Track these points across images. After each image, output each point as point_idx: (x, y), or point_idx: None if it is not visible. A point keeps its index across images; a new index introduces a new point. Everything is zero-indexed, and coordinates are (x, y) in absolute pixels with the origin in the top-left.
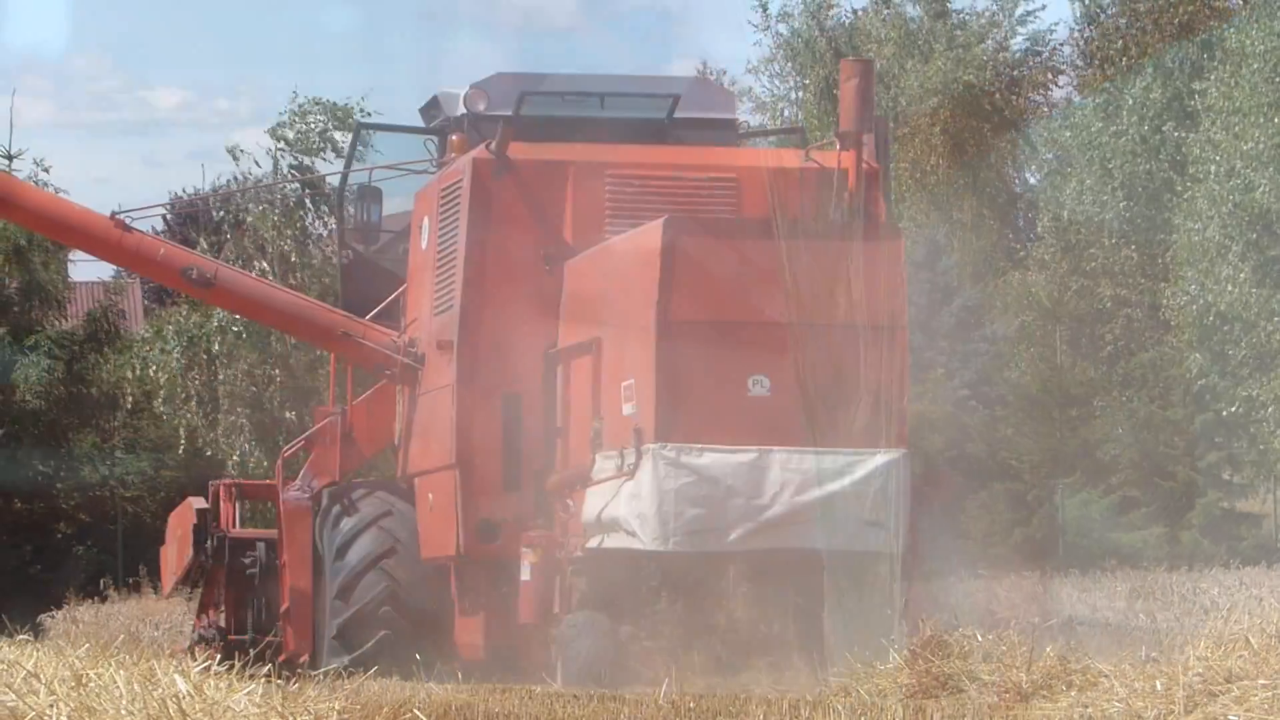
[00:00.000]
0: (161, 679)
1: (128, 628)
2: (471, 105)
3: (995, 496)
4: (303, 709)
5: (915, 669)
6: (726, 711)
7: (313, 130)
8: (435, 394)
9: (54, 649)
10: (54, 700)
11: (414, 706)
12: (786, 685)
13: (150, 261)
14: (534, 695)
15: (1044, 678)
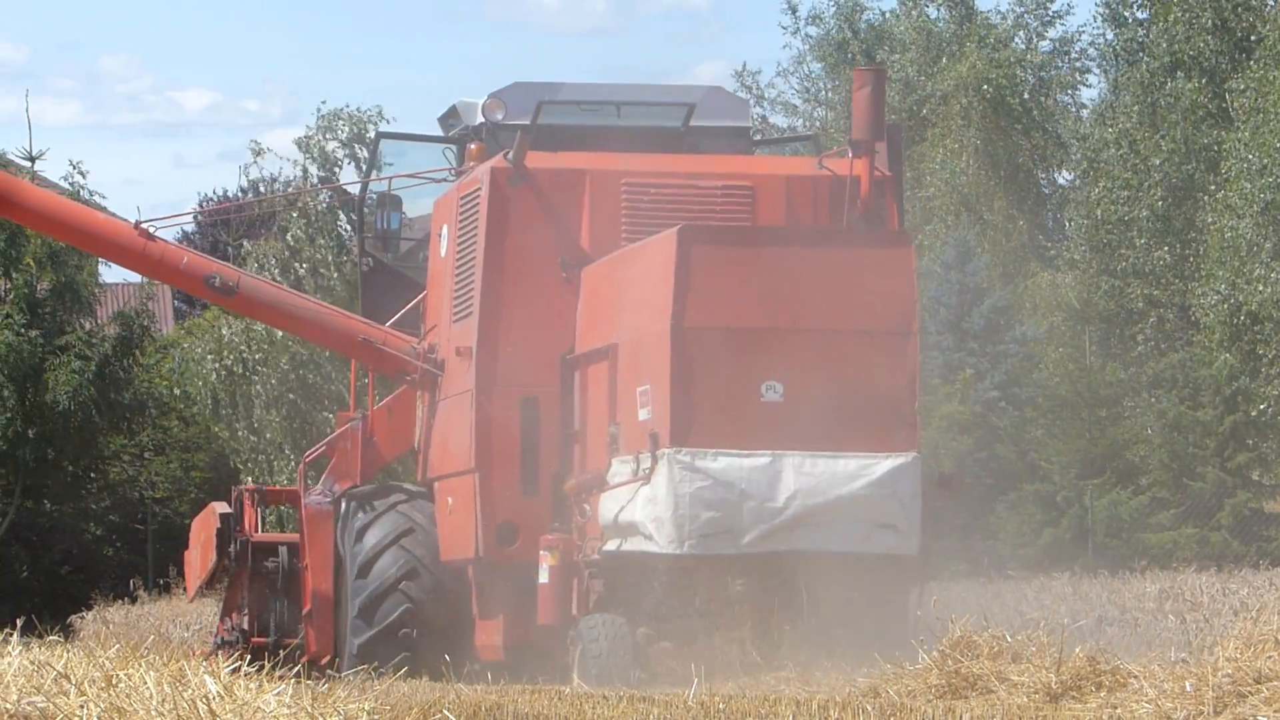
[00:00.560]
0: (192, 680)
1: (158, 629)
2: (489, 114)
3: (1024, 498)
4: (332, 709)
5: (944, 670)
6: (756, 712)
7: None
8: (455, 399)
9: (84, 650)
10: (84, 701)
11: (444, 707)
12: (815, 686)
13: (174, 270)
14: (563, 696)
15: (1073, 678)
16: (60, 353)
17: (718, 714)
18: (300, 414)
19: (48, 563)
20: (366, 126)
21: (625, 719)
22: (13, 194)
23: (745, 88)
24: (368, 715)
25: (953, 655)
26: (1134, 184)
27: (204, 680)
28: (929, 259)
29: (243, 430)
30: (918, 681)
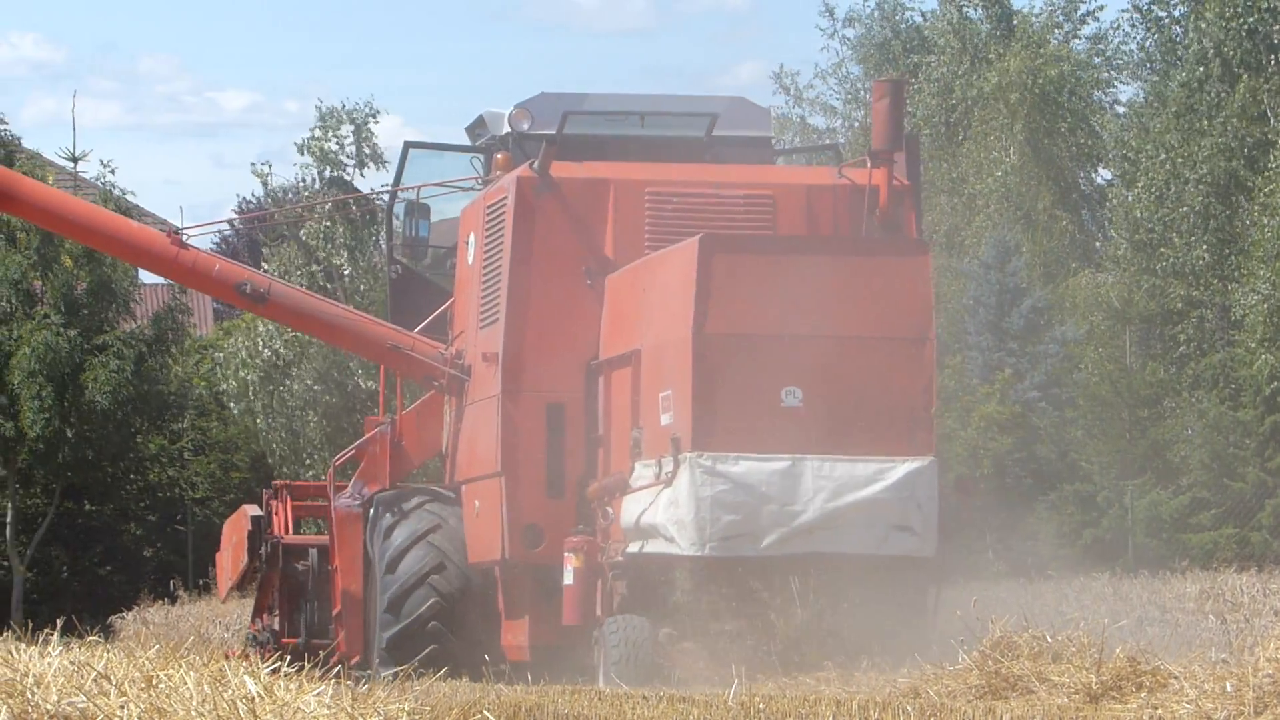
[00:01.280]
0: (231, 680)
1: (198, 629)
2: (516, 124)
3: (1065, 498)
4: (372, 710)
5: (985, 670)
6: (795, 712)
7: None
8: (481, 404)
9: (124, 650)
10: (124, 701)
11: (484, 708)
12: (855, 686)
13: (206, 277)
14: (603, 696)
15: (1114, 679)
16: (98, 352)
17: (758, 714)
18: (335, 413)
19: (88, 563)
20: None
21: (665, 719)
22: (42, 200)
23: (784, 89)
24: (408, 715)
25: (993, 656)
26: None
27: (244, 681)
28: (970, 259)
29: (280, 429)
30: (958, 682)
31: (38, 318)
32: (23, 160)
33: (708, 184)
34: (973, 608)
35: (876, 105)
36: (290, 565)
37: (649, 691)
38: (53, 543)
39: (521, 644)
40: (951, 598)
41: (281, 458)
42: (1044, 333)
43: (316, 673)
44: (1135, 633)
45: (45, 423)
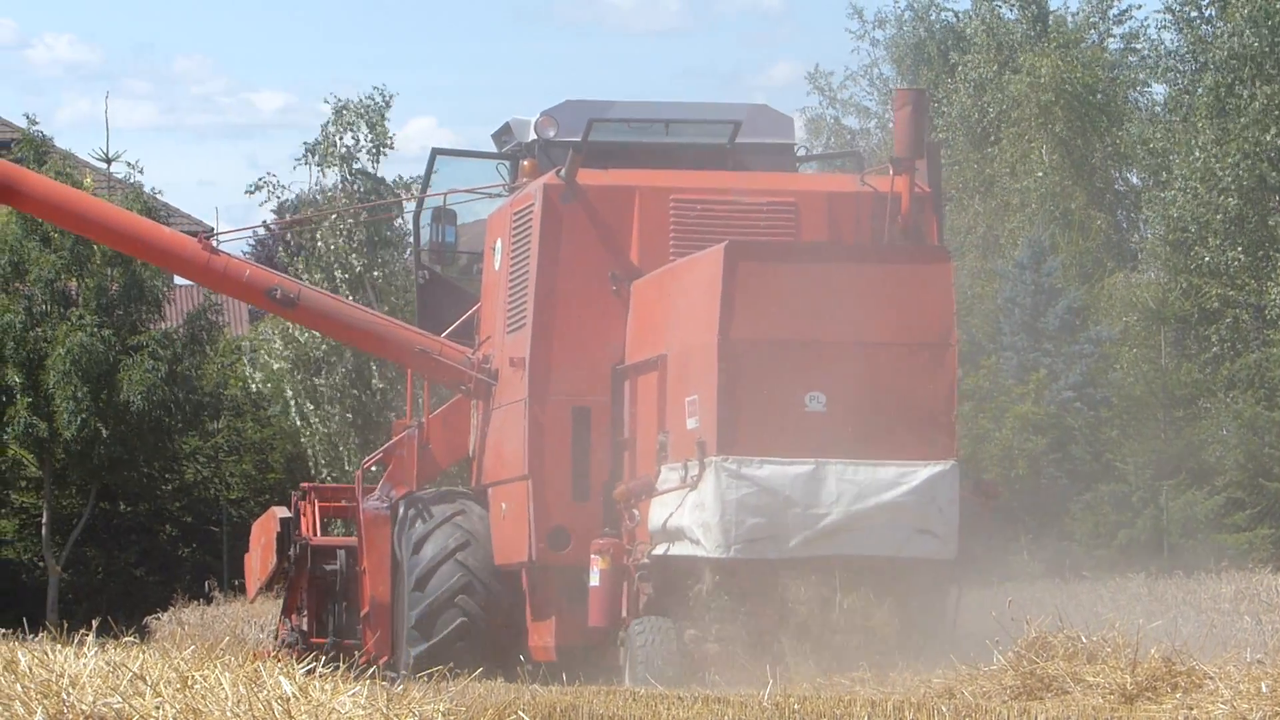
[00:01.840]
0: (267, 680)
1: (233, 629)
2: (542, 132)
3: (1100, 498)
4: (408, 710)
5: (1019, 670)
6: (830, 713)
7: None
8: (508, 408)
9: (160, 651)
10: (160, 702)
11: (519, 708)
12: (890, 686)
13: (237, 282)
14: (638, 697)
15: (1149, 679)
16: (133, 353)
17: (792, 714)
18: (363, 410)
19: (123, 564)
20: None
21: (700, 719)
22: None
23: (817, 89)
24: (443, 716)
25: (1028, 656)
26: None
27: (279, 681)
28: (1004, 260)
29: (315, 420)
30: (993, 682)
31: (73, 318)
32: (55, 160)
33: (731, 191)
34: (1008, 608)
35: (898, 114)
36: (319, 567)
37: (684, 692)
38: (88, 543)
39: (548, 645)
40: (986, 598)
41: (325, 460)
42: (1079, 333)
43: (351, 673)
44: (1170, 633)
45: (81, 423)
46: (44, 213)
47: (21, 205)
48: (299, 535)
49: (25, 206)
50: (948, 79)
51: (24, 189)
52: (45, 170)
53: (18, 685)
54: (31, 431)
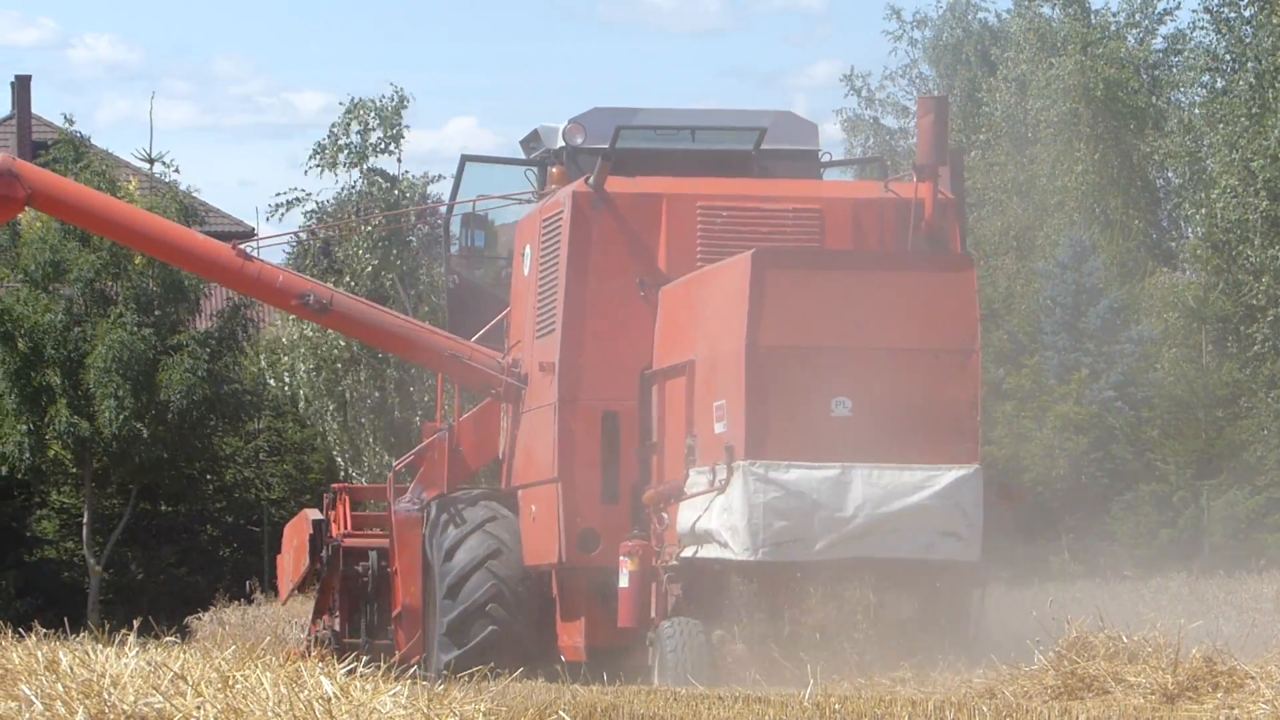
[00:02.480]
0: (308, 680)
1: (274, 629)
2: (570, 139)
3: (1140, 498)
4: (448, 710)
5: (1060, 670)
6: (871, 713)
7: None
8: (538, 412)
9: (201, 651)
10: (201, 702)
11: (560, 708)
12: (931, 686)
13: (270, 288)
14: (679, 697)
15: (1190, 679)
16: (172, 352)
17: (833, 714)
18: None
19: (164, 563)
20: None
21: (741, 719)
22: (112, 214)
23: (855, 91)
24: (484, 716)
25: (1069, 656)
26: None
27: (320, 681)
28: (1045, 260)
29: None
30: (1034, 682)
31: (112, 317)
32: (95, 160)
33: (757, 198)
34: (1049, 608)
35: (921, 121)
36: (350, 567)
37: (724, 691)
38: (129, 543)
39: (578, 645)
40: (1027, 598)
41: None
42: (1120, 332)
43: (392, 673)
44: (1211, 633)
45: (121, 422)
46: (79, 219)
47: (56, 212)
48: (331, 537)
49: (59, 213)
50: (989, 79)
51: (59, 196)
52: (85, 170)
53: (59, 685)
54: (72, 430)
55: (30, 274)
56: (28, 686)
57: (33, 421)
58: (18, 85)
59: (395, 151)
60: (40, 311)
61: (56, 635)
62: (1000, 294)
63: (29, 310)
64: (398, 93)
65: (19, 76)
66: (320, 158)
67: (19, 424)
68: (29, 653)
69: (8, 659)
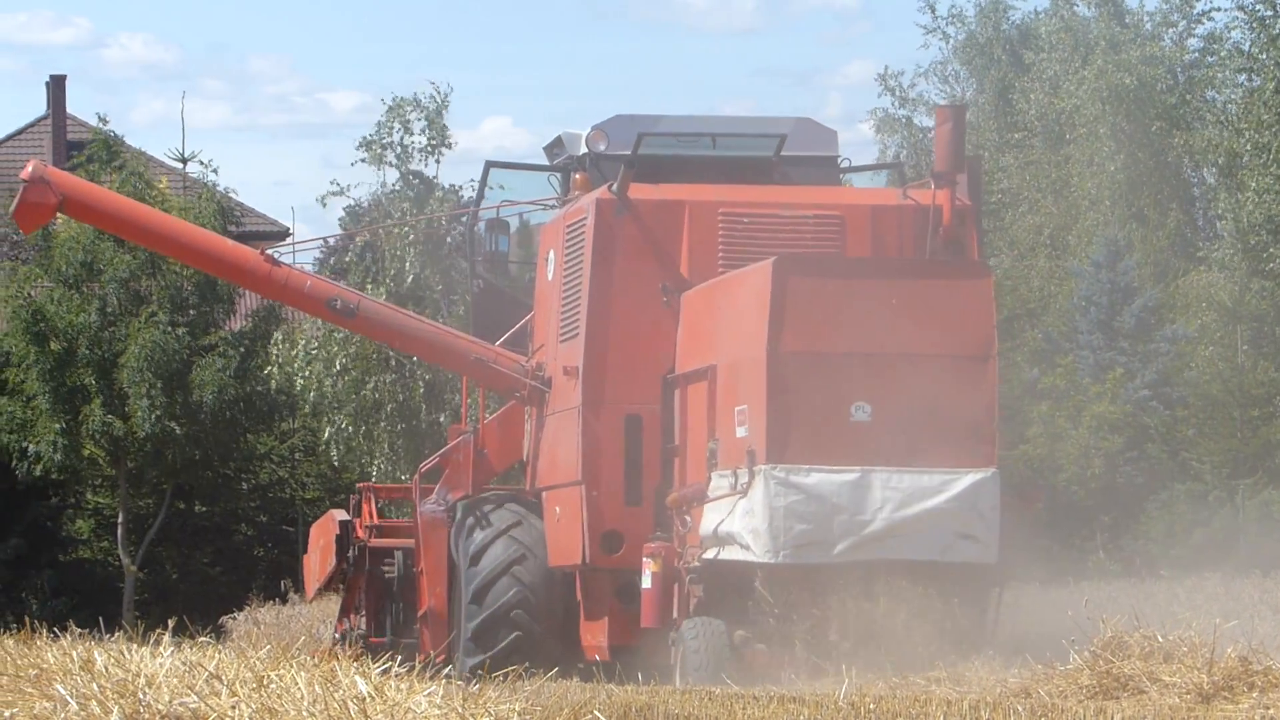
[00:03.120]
0: (343, 680)
1: (309, 629)
2: (593, 145)
3: (1176, 497)
4: (483, 710)
5: (1095, 670)
6: (906, 713)
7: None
8: (562, 415)
9: (235, 650)
10: (236, 702)
11: (594, 708)
12: (966, 686)
13: (298, 293)
14: (714, 696)
15: (1225, 679)
16: (205, 352)
17: (868, 714)
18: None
19: (198, 563)
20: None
21: (776, 719)
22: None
23: (888, 90)
24: (519, 716)
25: (1104, 656)
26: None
27: (355, 681)
28: (1079, 259)
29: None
30: (1069, 682)
31: (145, 316)
32: (130, 160)
33: (778, 204)
34: (1084, 607)
35: (939, 130)
36: (377, 567)
37: (759, 691)
38: (163, 543)
39: (601, 644)
40: (1062, 597)
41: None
42: (1155, 332)
43: (426, 673)
44: (1247, 632)
45: (155, 422)
46: (109, 225)
47: (86, 218)
48: (357, 537)
49: (90, 219)
50: (1021, 79)
51: (90, 202)
52: (121, 170)
53: (94, 685)
54: (106, 430)
55: (63, 274)
56: (63, 686)
57: (66, 421)
58: (53, 85)
59: (439, 155)
60: (74, 311)
61: (91, 635)
62: (1035, 293)
63: (63, 310)
64: (439, 91)
65: (54, 76)
66: (369, 152)
67: (52, 424)
68: (64, 652)
69: (43, 659)
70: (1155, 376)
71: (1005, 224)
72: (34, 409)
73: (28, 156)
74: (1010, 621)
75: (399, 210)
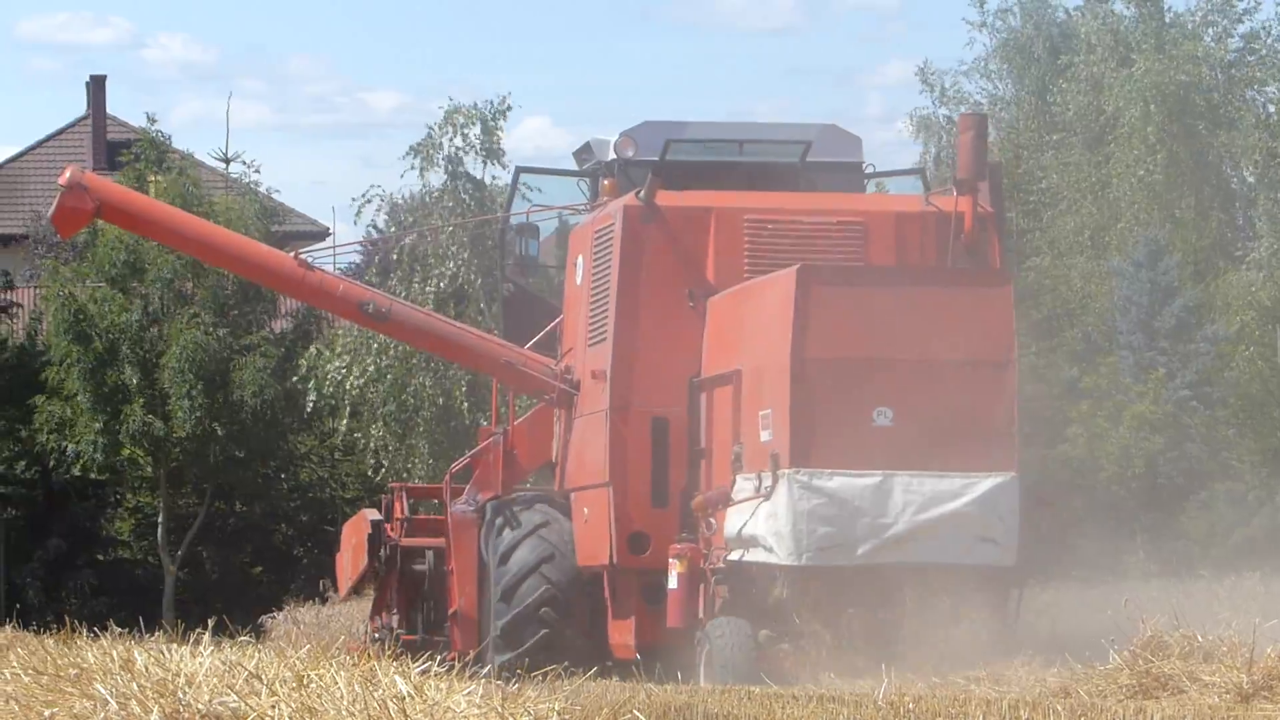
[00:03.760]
0: (382, 680)
1: (348, 629)
2: (621, 151)
3: (1215, 497)
4: (523, 709)
5: (1135, 670)
6: (946, 712)
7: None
8: (590, 417)
9: (275, 650)
10: (275, 701)
11: (634, 707)
12: (1006, 685)
13: (331, 297)
14: (753, 696)
15: (1265, 679)
16: (246, 352)
17: (907, 713)
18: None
19: (238, 563)
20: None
21: (815, 719)
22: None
23: (928, 86)
24: (558, 715)
25: (1143, 655)
26: None
27: (394, 680)
28: (1119, 259)
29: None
30: (1108, 681)
31: (187, 317)
32: (174, 161)
33: (803, 211)
34: (1123, 607)
35: (961, 138)
36: (408, 567)
37: (798, 690)
38: (203, 542)
39: (628, 643)
40: (1101, 597)
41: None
42: (1195, 331)
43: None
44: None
45: (196, 422)
46: (145, 230)
47: (123, 223)
48: (389, 536)
49: (127, 224)
50: (1059, 79)
51: (126, 208)
52: (169, 171)
53: (134, 684)
54: (147, 430)
55: (106, 273)
56: (103, 685)
57: (106, 421)
58: (93, 85)
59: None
60: (116, 311)
61: (131, 635)
62: (1075, 293)
63: (105, 310)
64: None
65: (94, 77)
66: (420, 159)
67: (93, 423)
68: (104, 652)
69: (83, 658)
70: (1195, 376)
71: (1044, 224)
72: (75, 408)
73: (69, 157)
74: (1049, 621)
75: (441, 211)
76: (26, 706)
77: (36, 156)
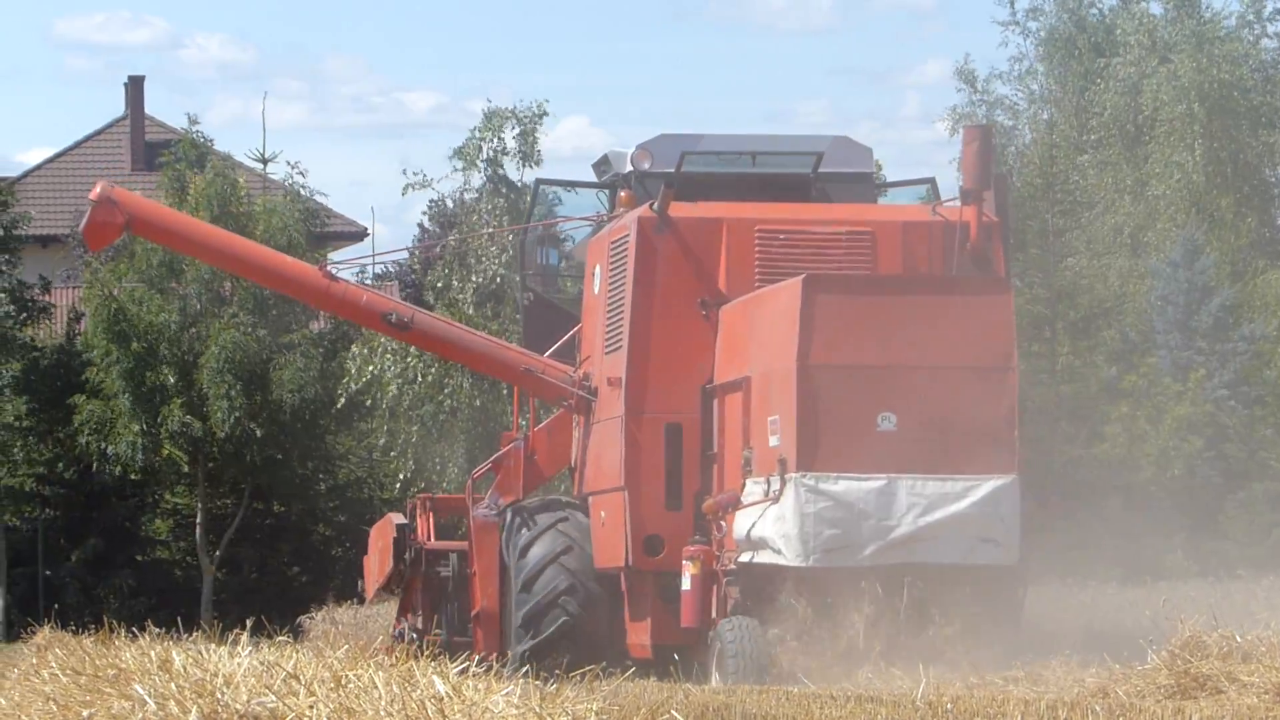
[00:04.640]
0: (420, 680)
1: (386, 629)
2: (637, 163)
3: (1254, 496)
4: (560, 710)
5: (1174, 670)
6: (984, 712)
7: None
8: (607, 423)
9: (313, 650)
10: (314, 701)
11: (671, 707)
12: (1044, 686)
13: (355, 307)
14: (791, 696)
15: None
16: (285, 352)
17: (945, 714)
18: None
19: (276, 563)
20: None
21: (853, 719)
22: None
23: (966, 83)
24: (596, 715)
25: (1182, 655)
26: None
27: (432, 681)
28: (1157, 258)
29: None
30: (1147, 682)
31: (226, 317)
32: (214, 162)
33: (812, 221)
34: (1162, 607)
35: (966, 149)
36: (432, 569)
37: (836, 691)
38: (241, 543)
39: (644, 643)
40: (1140, 597)
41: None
42: (1232, 331)
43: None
44: None
45: (234, 422)
46: (173, 243)
47: (151, 236)
48: (414, 540)
49: (155, 237)
50: (1097, 79)
51: (155, 222)
52: (206, 173)
53: (173, 684)
54: (185, 430)
55: (144, 274)
56: (141, 686)
57: (146, 421)
58: (131, 86)
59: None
60: (155, 312)
61: (170, 635)
62: (1112, 292)
63: (144, 310)
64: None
65: (132, 77)
66: (461, 158)
67: (132, 424)
68: (142, 652)
69: (121, 658)
70: (1233, 376)
71: (1083, 224)
72: (114, 409)
73: (107, 158)
74: (1088, 621)
75: (481, 212)
76: (65, 707)
77: (74, 157)
